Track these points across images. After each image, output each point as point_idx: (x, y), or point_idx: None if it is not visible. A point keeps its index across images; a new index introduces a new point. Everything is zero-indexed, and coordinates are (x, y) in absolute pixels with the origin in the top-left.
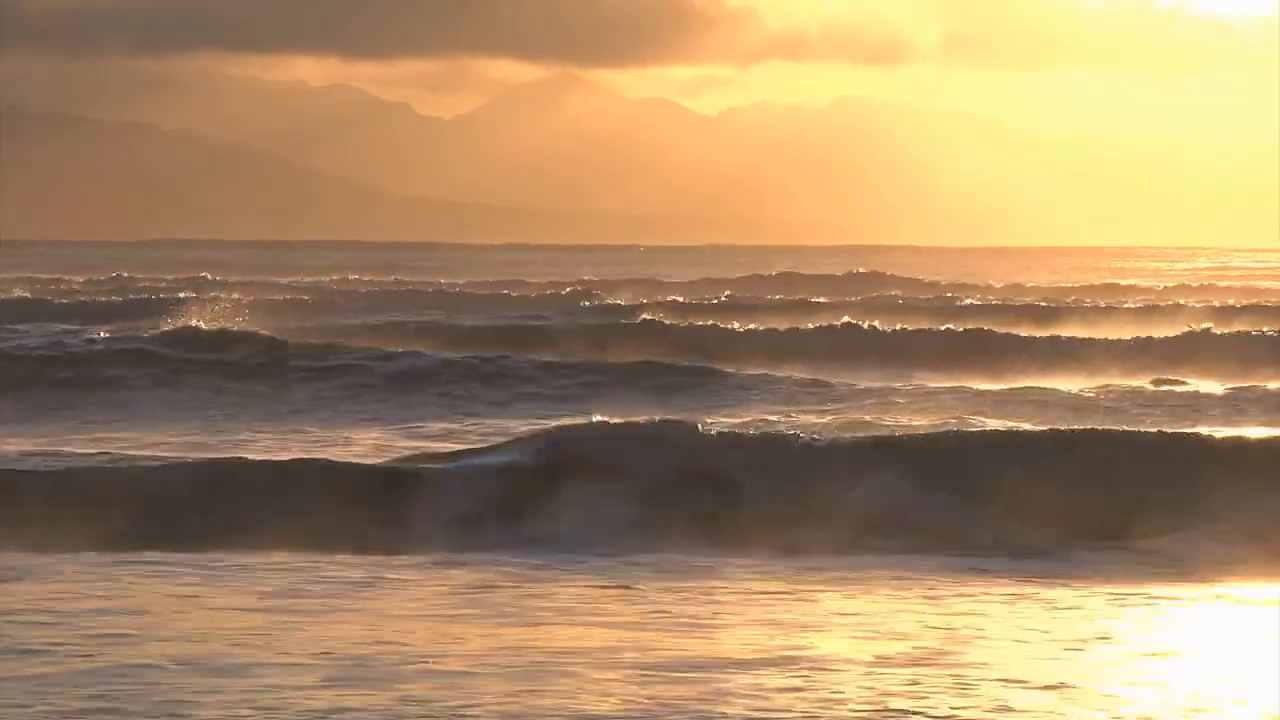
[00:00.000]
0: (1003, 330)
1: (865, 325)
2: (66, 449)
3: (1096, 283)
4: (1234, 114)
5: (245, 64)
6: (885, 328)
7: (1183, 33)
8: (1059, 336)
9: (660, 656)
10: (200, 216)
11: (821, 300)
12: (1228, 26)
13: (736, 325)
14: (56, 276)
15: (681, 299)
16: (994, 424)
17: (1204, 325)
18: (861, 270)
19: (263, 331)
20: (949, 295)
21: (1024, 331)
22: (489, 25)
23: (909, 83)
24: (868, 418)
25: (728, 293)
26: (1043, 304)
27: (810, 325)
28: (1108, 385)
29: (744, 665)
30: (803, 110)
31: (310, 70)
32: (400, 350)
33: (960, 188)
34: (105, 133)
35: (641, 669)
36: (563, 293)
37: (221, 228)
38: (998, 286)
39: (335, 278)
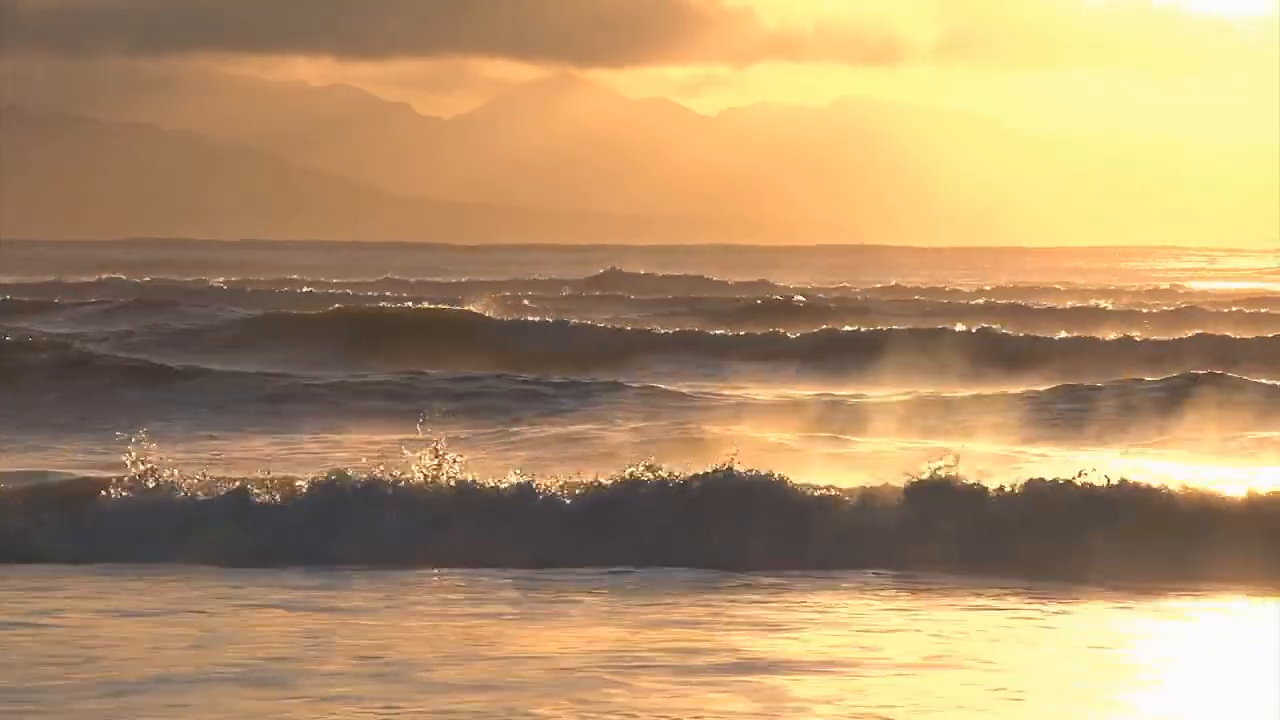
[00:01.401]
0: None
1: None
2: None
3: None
4: (1234, 114)
5: (245, 64)
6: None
7: (1182, 32)
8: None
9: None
10: (200, 216)
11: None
12: (1227, 26)
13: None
14: None
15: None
16: None
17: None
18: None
19: None
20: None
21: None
22: (488, 25)
23: (908, 83)
24: None
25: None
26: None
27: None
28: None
29: None
30: (803, 110)
31: (310, 70)
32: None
33: (960, 188)
34: (105, 133)
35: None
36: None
37: (221, 228)
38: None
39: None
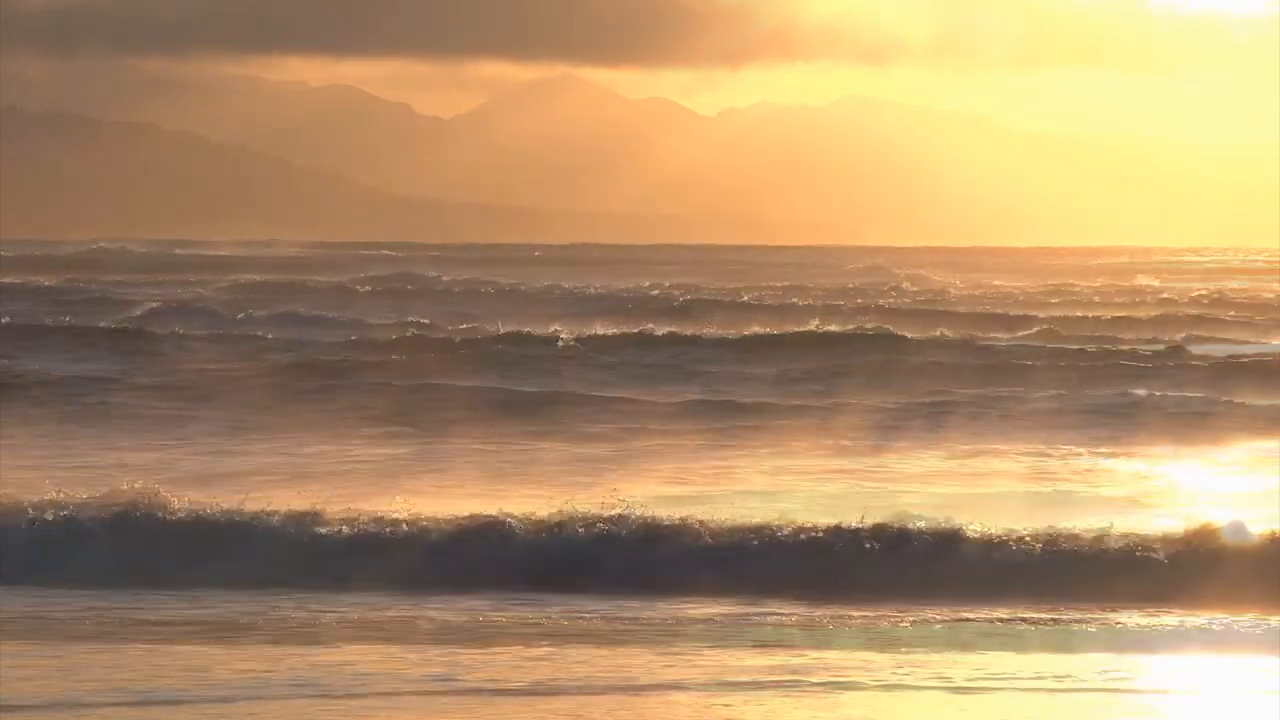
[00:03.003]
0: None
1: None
2: None
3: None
4: (1238, 113)
5: (245, 64)
6: None
7: (1182, 32)
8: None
9: None
10: (200, 216)
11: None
12: (1226, 25)
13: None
14: None
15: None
16: None
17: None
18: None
19: None
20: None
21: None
22: (488, 25)
23: (908, 83)
24: None
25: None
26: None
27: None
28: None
29: None
30: (803, 110)
31: (310, 70)
32: None
33: (960, 188)
34: (105, 133)
35: None
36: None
37: (221, 228)
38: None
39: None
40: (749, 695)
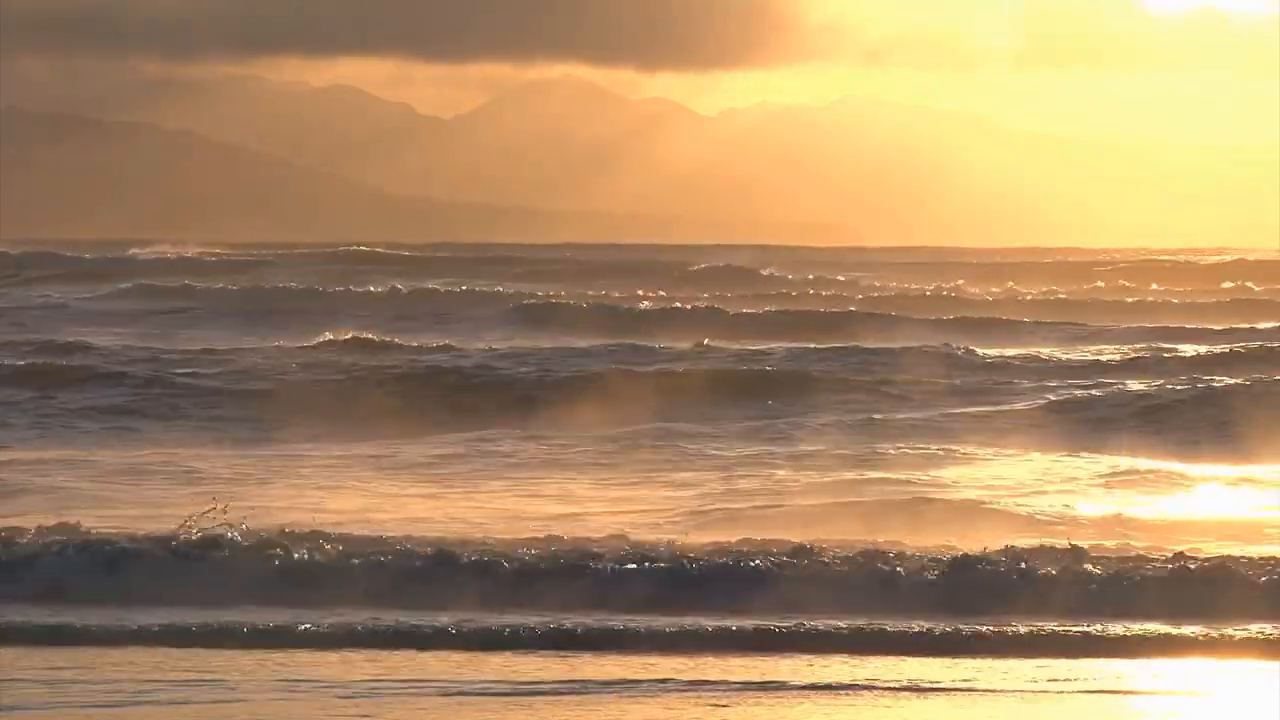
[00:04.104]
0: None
1: None
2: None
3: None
4: (1238, 113)
5: (245, 64)
6: None
7: (1180, 31)
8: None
9: None
10: (200, 217)
11: None
12: (1225, 24)
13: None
14: None
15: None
16: None
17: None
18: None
19: None
20: None
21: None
22: (488, 25)
23: (909, 83)
24: None
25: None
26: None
27: None
28: None
29: None
30: (803, 110)
31: (310, 70)
32: None
33: (960, 188)
34: (105, 133)
35: None
36: None
37: (221, 228)
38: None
39: None
40: (749, 696)
